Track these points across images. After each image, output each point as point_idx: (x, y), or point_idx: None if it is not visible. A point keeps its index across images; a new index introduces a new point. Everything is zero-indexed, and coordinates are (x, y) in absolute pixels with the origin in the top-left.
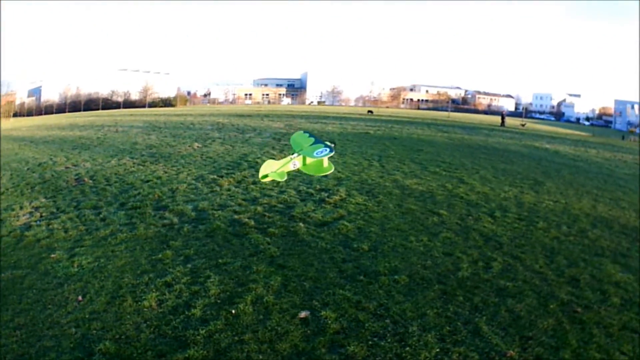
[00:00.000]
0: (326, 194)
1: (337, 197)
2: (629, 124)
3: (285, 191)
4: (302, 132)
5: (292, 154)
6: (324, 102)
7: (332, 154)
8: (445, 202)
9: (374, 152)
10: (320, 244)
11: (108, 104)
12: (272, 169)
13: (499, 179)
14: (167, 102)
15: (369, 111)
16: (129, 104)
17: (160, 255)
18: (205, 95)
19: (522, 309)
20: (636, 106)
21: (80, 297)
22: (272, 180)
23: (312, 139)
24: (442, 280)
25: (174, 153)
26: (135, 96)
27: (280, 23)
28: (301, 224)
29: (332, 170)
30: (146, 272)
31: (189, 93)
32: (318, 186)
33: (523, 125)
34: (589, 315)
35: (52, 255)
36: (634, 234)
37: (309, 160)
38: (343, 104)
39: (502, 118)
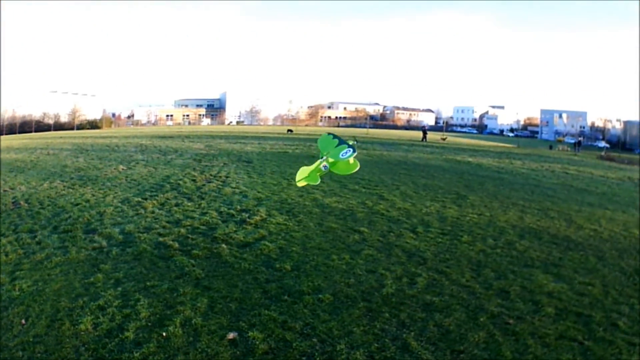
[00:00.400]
0: (247, 215)
1: (257, 218)
2: (557, 133)
3: (207, 212)
4: (326, 134)
5: (321, 157)
6: (242, 121)
7: (355, 153)
8: (366, 219)
9: (292, 171)
10: (243, 265)
11: (40, 126)
12: (305, 175)
13: (420, 194)
14: (93, 124)
15: (289, 130)
16: (59, 126)
17: (92, 279)
18: (129, 117)
19: (451, 323)
20: (564, 115)
21: (23, 321)
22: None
23: (337, 141)
24: (367, 297)
25: (100, 176)
26: (64, 118)
27: (200, 42)
28: (224, 246)
29: (358, 167)
30: (80, 296)
31: (113, 115)
32: (239, 207)
33: (444, 139)
34: (522, 326)
35: None
36: (565, 244)
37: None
38: (262, 123)
39: (424, 133)
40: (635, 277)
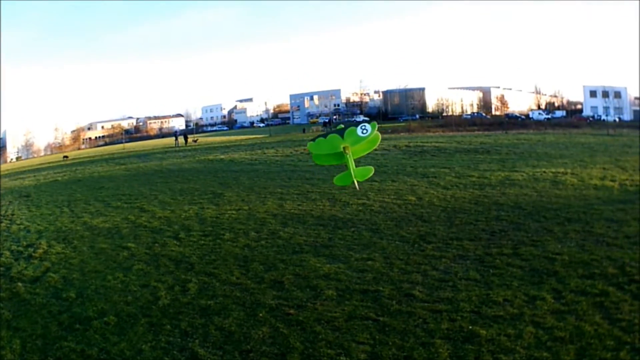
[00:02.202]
0: (32, 249)
1: (40, 251)
2: (310, 115)
3: (2, 253)
4: (312, 140)
5: (338, 157)
6: (21, 157)
7: (376, 125)
8: (131, 234)
9: (63, 197)
10: (37, 300)
11: None
12: (355, 175)
13: (178, 200)
14: None
15: (65, 156)
16: None
17: None
18: None
19: (232, 324)
20: (315, 97)
21: None
22: None
23: (336, 135)
24: (146, 312)
25: None
26: None
27: None
28: (19, 284)
29: (380, 138)
30: None
31: None
32: (25, 242)
33: (195, 141)
34: (305, 314)
35: None
36: (332, 223)
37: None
38: (35, 155)
39: (176, 138)
40: (420, 243)
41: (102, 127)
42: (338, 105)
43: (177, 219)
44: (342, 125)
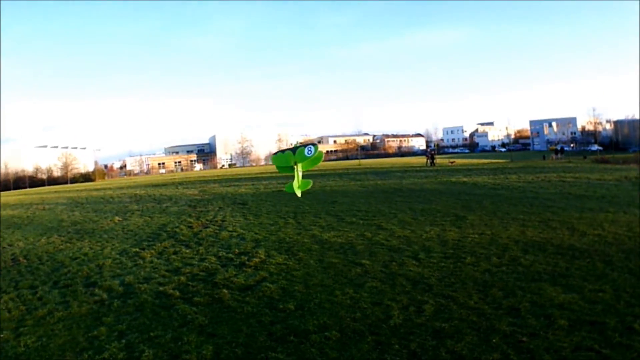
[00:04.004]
0: (246, 257)
1: (257, 260)
2: (549, 142)
3: (206, 258)
4: (274, 154)
5: (290, 169)
6: (234, 164)
7: (317, 147)
8: (366, 251)
9: (288, 209)
10: (246, 309)
11: (34, 181)
12: (298, 185)
13: (419, 220)
14: (86, 177)
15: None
16: (52, 180)
17: (95, 332)
18: (121, 168)
19: (463, 348)
20: (554, 123)
21: None
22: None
23: (289, 152)
24: (375, 330)
25: (97, 228)
26: (57, 172)
27: (186, 87)
28: (225, 290)
29: (323, 154)
30: (85, 350)
31: (105, 166)
32: (237, 250)
33: (452, 162)
34: (537, 342)
35: (1, 335)
36: (570, 253)
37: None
38: (254, 164)
39: (432, 158)
40: None
41: (335, 141)
42: (574, 133)
43: (417, 239)
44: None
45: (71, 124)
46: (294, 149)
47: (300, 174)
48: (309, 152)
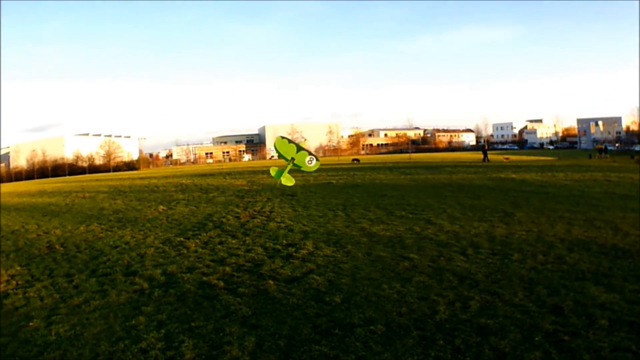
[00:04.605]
0: (293, 249)
1: (304, 251)
2: (595, 141)
3: (253, 249)
4: (280, 137)
5: (288, 159)
6: None
7: (319, 162)
8: (414, 245)
9: (338, 201)
10: (291, 300)
11: (74, 169)
12: (280, 176)
13: (468, 216)
14: (130, 166)
15: (355, 159)
16: (93, 168)
17: (133, 322)
18: (167, 157)
19: (507, 345)
20: (600, 122)
21: None
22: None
23: (294, 145)
24: (420, 325)
25: (140, 217)
26: (99, 160)
27: (235, 78)
28: (271, 282)
29: (319, 165)
30: (121, 339)
31: (151, 155)
32: (285, 241)
33: (506, 159)
34: (577, 341)
35: (30, 324)
36: (613, 252)
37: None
38: None
39: (485, 153)
40: None
41: (386, 134)
42: (619, 132)
43: (465, 235)
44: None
45: (116, 111)
46: (298, 147)
47: (288, 169)
48: (310, 163)
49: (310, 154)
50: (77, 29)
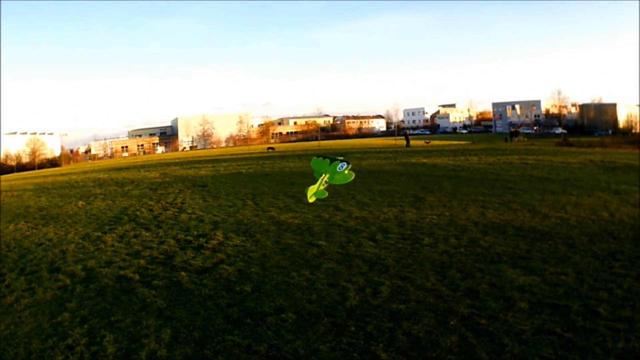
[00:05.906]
0: (204, 240)
1: (214, 242)
2: (511, 124)
3: (165, 241)
4: (316, 157)
5: (320, 176)
6: (196, 146)
7: (350, 165)
8: (323, 232)
9: (247, 190)
10: (203, 291)
11: (3, 168)
12: (313, 192)
13: (377, 201)
14: (53, 162)
15: (270, 148)
16: (21, 166)
17: (59, 318)
18: (86, 152)
19: (421, 330)
20: (517, 106)
21: None
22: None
23: (328, 160)
24: (331, 312)
25: (61, 213)
26: (25, 159)
27: (147, 71)
28: (183, 273)
29: (354, 176)
30: (50, 336)
31: (71, 151)
32: (196, 232)
33: (427, 142)
34: (496, 325)
35: None
36: (531, 235)
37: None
38: (214, 146)
39: (407, 139)
40: (609, 260)
41: (295, 122)
42: (538, 116)
43: (374, 220)
44: (342, 157)
45: (40, 109)
46: (331, 159)
47: (323, 184)
48: (341, 167)
49: (341, 161)
50: None
